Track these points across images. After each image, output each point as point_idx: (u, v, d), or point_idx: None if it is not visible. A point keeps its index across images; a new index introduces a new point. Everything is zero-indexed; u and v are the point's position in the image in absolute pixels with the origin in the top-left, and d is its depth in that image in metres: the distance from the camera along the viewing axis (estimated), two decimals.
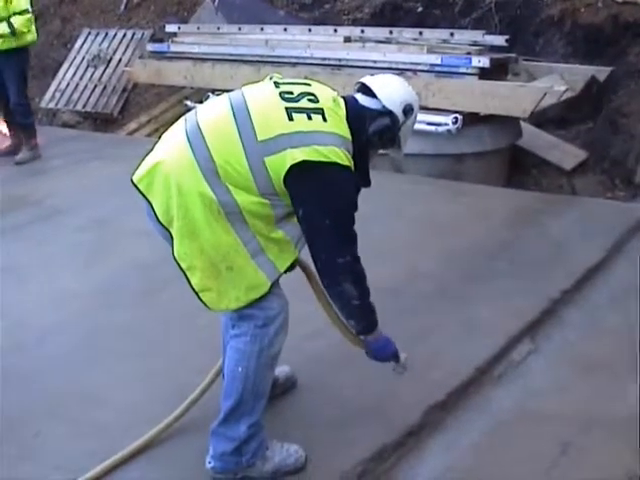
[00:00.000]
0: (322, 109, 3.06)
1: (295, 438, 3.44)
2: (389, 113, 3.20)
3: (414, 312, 4.59)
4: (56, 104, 11.73)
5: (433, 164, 7.45)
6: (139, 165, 3.16)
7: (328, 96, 3.17)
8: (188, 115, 3.22)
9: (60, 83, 11.94)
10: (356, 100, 3.26)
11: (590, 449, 3.44)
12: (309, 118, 3.01)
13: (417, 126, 6.90)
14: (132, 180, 3.13)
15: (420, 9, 10.30)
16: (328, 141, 2.98)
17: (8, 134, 9.06)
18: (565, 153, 8.23)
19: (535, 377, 4.03)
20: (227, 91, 3.38)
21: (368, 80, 3.30)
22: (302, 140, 2.94)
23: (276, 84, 3.18)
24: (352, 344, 3.40)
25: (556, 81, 7.68)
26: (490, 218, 6.01)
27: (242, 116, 3.01)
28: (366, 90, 3.26)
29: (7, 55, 8.19)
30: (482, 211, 6.17)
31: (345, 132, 3.09)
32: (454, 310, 4.61)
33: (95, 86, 11.62)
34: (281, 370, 3.85)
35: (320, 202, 2.99)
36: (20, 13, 8.03)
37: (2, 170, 8.39)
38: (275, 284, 3.13)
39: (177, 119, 3.32)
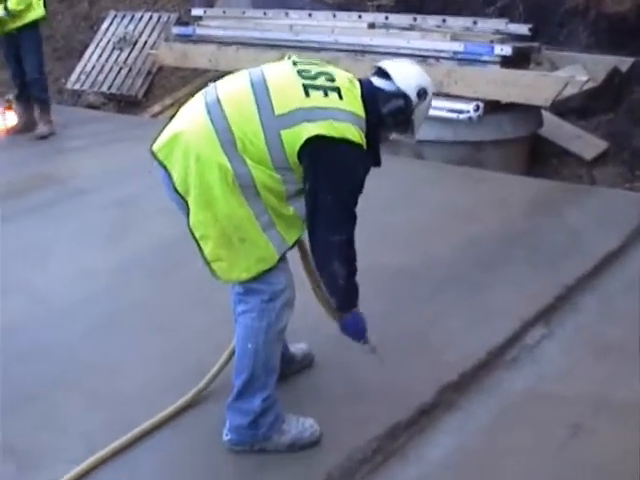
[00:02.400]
0: (338, 87, 3.14)
1: (311, 414, 3.52)
2: (403, 95, 3.27)
3: (430, 296, 4.67)
4: (81, 85, 11.85)
5: (453, 151, 7.50)
6: (157, 136, 3.23)
7: (344, 76, 3.26)
8: (208, 89, 3.29)
9: (86, 65, 12.05)
10: (371, 82, 3.33)
11: (600, 432, 3.49)
12: (325, 95, 3.09)
13: (438, 112, 7.11)
14: (151, 149, 3.21)
15: None
16: (343, 117, 3.06)
17: (18, 113, 9.24)
18: (586, 143, 8.25)
19: (547, 361, 4.08)
20: None
21: (384, 63, 3.39)
22: (319, 115, 3.02)
23: (294, 63, 3.26)
24: (330, 317, 3.48)
25: (578, 71, 7.69)
26: (508, 206, 6.06)
27: (261, 90, 3.09)
28: (382, 73, 3.34)
29: (20, 32, 8.53)
30: (500, 199, 6.22)
31: (360, 110, 3.16)
32: (469, 295, 4.67)
33: (120, 68, 11.72)
34: (299, 347, 3.95)
35: (327, 178, 3.07)
36: None
37: (25, 149, 8.54)
38: (282, 259, 3.21)
39: None
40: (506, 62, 7.37)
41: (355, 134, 3.06)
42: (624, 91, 8.34)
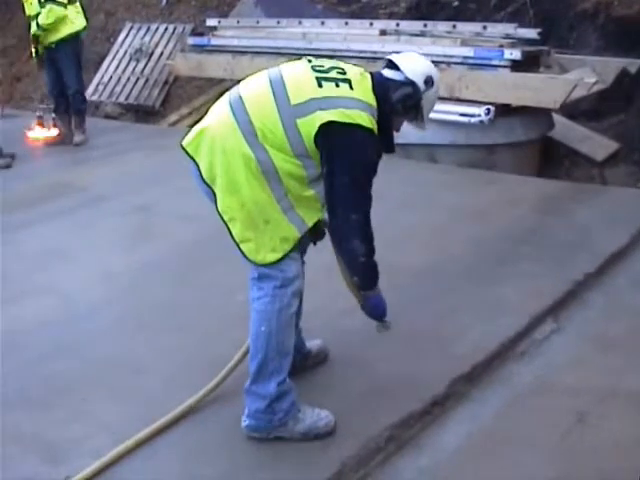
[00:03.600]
0: (349, 79, 3.38)
1: (325, 406, 3.64)
2: (411, 83, 3.48)
3: (443, 292, 4.81)
4: (99, 96, 12.04)
5: (466, 154, 7.62)
6: (187, 133, 3.48)
7: (355, 70, 3.49)
8: (232, 90, 3.52)
9: (103, 76, 12.24)
10: (381, 74, 3.55)
11: (606, 418, 3.61)
12: (337, 86, 3.34)
13: (450, 117, 7.25)
14: (181, 145, 3.46)
15: (456, 3, 10.42)
16: (354, 105, 3.29)
17: (56, 125, 9.48)
18: (597, 144, 8.34)
19: (556, 354, 4.20)
20: None
21: (393, 56, 3.60)
22: (330, 104, 3.26)
23: (309, 61, 3.50)
24: (354, 297, 3.65)
25: (587, 73, 7.78)
26: (519, 206, 6.18)
27: (278, 85, 3.34)
28: (391, 65, 3.56)
29: (57, 46, 8.79)
30: (512, 199, 6.34)
31: (371, 100, 3.39)
32: (481, 291, 4.80)
33: (137, 79, 11.90)
34: (314, 343, 4.09)
35: (341, 160, 3.28)
36: (41, 5, 8.57)
37: (48, 159, 8.76)
38: (295, 249, 3.41)
39: None
40: (516, 66, 7.48)
41: (366, 119, 3.29)
42: (634, 92, 8.43)
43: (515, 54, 7.42)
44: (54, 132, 9.50)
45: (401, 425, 3.60)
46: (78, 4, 9.01)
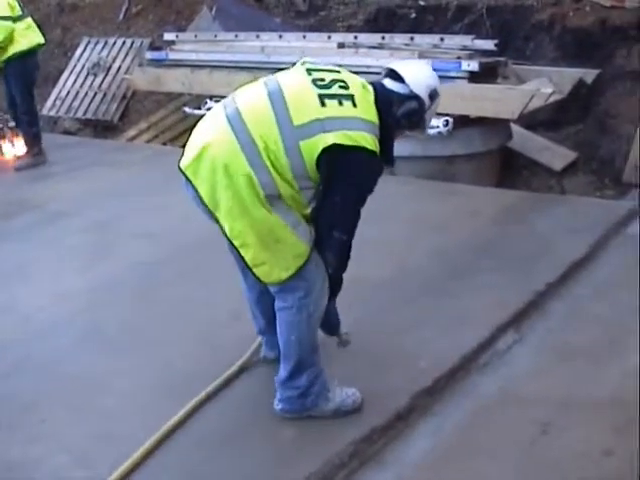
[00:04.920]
0: (352, 95, 3.31)
1: (290, 422, 3.67)
2: (416, 97, 3.43)
3: (404, 305, 4.78)
4: (57, 112, 11.93)
5: (425, 166, 7.63)
6: (182, 153, 3.43)
7: (357, 82, 3.42)
8: (225, 102, 3.45)
9: (61, 91, 12.13)
10: (384, 86, 3.49)
11: (569, 429, 3.61)
12: (340, 104, 3.26)
13: None
14: (179, 166, 3.37)
15: (413, 15, 10.49)
16: (357, 126, 3.24)
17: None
18: (555, 154, 8.42)
19: (519, 364, 4.20)
20: (225, 97, 3.59)
21: (396, 66, 3.53)
22: (334, 125, 3.21)
23: (308, 71, 3.41)
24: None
25: (544, 84, 7.85)
26: (479, 217, 6.19)
27: (278, 102, 3.27)
28: (394, 75, 3.49)
29: (9, 65, 8.42)
30: (471, 210, 6.35)
31: (373, 117, 3.34)
32: (442, 303, 4.79)
33: (95, 94, 11.81)
34: None
35: (342, 181, 3.27)
36: None
37: (5, 176, 8.63)
38: (313, 251, 3.40)
39: (176, 125, 3.56)
40: (474, 77, 7.50)
41: (369, 141, 3.24)
42: (590, 102, 8.52)
43: (472, 65, 7.45)
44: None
45: (364, 440, 3.57)
46: (30, 19, 8.59)
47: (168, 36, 10.69)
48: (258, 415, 3.79)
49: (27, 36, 8.46)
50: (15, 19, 8.34)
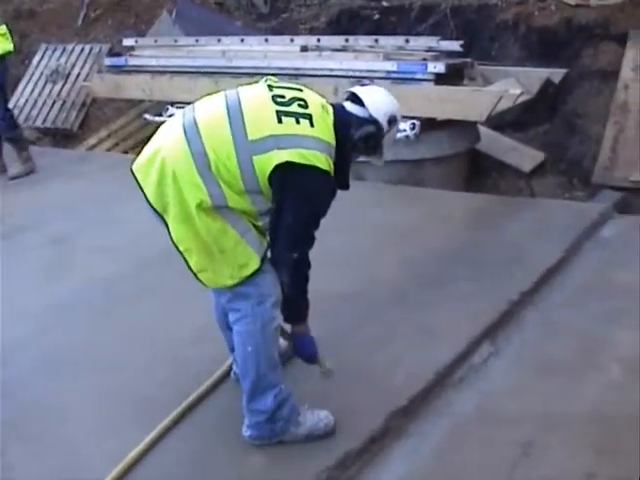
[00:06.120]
0: (310, 115, 3.28)
1: (259, 449, 3.53)
2: (374, 121, 3.42)
3: (374, 319, 4.63)
4: None
5: (392, 170, 7.45)
6: (137, 155, 3.39)
7: (317, 102, 3.39)
8: (185, 110, 3.42)
9: (19, 99, 11.82)
10: (344, 108, 3.49)
11: (550, 449, 3.48)
12: (297, 122, 3.23)
13: None
14: (131, 169, 3.34)
15: (377, 16, 10.34)
16: (312, 145, 3.20)
17: None
18: (523, 155, 8.30)
19: (495, 379, 4.07)
20: (186, 104, 3.56)
21: (357, 90, 3.54)
22: (289, 142, 3.18)
23: (270, 87, 3.38)
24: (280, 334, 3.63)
25: (512, 85, 7.73)
26: (449, 223, 6.04)
27: (235, 115, 3.24)
28: (355, 99, 3.48)
29: None
30: (441, 216, 6.21)
31: (330, 138, 3.31)
32: (413, 316, 4.64)
33: (54, 102, 11.51)
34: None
35: (292, 201, 3.24)
36: None
37: None
38: (265, 261, 3.33)
39: (137, 133, 3.43)
40: (440, 79, 7.36)
41: (323, 161, 3.20)
42: (558, 102, 8.42)
43: (439, 67, 7.31)
44: None
45: (338, 467, 3.44)
46: (4, 27, 8.51)
47: (127, 42, 10.46)
48: (225, 441, 3.66)
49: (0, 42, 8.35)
50: None
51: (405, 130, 7.14)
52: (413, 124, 7.16)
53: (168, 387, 4.06)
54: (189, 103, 3.55)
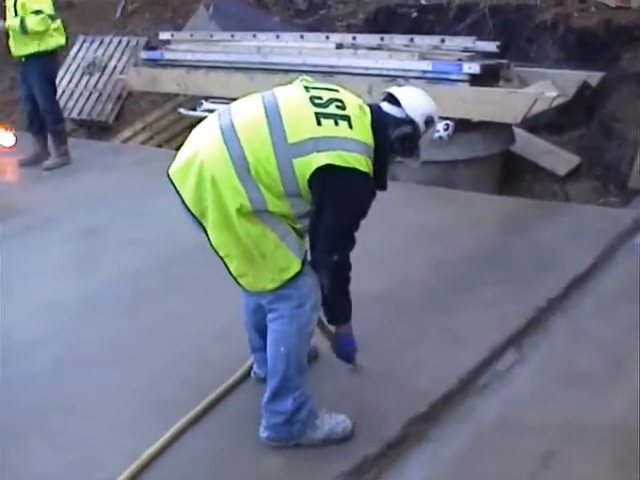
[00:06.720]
0: (349, 116, 3.27)
1: (276, 451, 3.50)
2: (411, 122, 3.38)
3: (400, 320, 4.59)
4: None
5: (425, 171, 7.37)
6: (173, 159, 3.36)
7: (354, 103, 3.38)
8: (221, 112, 3.40)
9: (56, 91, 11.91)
10: (380, 108, 3.46)
11: (572, 460, 3.42)
12: (336, 124, 3.22)
13: None
14: (167, 174, 3.32)
15: (414, 15, 10.29)
16: (352, 148, 3.19)
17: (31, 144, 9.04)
18: (558, 159, 8.19)
19: (519, 387, 4.01)
20: (220, 98, 3.50)
21: (394, 90, 3.50)
22: (328, 145, 3.16)
23: (306, 88, 3.37)
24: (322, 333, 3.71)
25: (548, 87, 7.64)
26: (481, 226, 5.98)
27: (274, 117, 3.22)
28: (392, 99, 3.45)
29: (31, 61, 8.32)
30: (473, 219, 6.15)
31: (369, 139, 3.30)
32: (440, 319, 4.59)
33: (90, 93, 11.57)
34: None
35: (333, 204, 3.22)
36: (35, 13, 8.10)
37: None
38: (305, 264, 3.31)
39: (172, 126, 3.40)
40: (475, 80, 7.31)
41: (363, 163, 3.19)
42: (595, 105, 8.31)
43: (474, 68, 7.25)
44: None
45: (355, 471, 3.40)
46: (59, 21, 8.54)
47: (163, 35, 10.51)
48: (242, 442, 3.63)
49: (55, 36, 8.46)
50: (52, 17, 8.39)
51: (439, 131, 7.09)
52: (447, 125, 7.13)
53: (191, 385, 4.03)
54: (224, 98, 3.52)
